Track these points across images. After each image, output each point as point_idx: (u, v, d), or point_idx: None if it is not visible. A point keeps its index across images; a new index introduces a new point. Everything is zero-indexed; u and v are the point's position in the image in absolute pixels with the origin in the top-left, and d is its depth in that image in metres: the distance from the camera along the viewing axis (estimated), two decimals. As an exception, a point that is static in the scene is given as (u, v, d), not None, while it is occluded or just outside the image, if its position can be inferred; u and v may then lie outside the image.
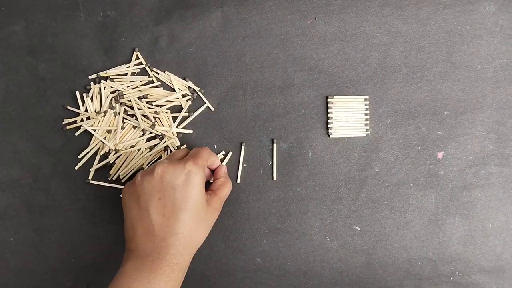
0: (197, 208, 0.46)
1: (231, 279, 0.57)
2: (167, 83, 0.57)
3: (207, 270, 0.57)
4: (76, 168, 0.57)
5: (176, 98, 0.57)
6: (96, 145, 0.57)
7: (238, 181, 0.57)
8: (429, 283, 0.57)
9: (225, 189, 0.52)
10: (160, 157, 0.57)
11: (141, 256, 0.44)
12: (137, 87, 0.57)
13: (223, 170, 0.54)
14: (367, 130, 0.57)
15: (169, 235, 0.45)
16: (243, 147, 0.57)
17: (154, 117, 0.56)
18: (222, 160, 0.57)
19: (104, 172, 0.57)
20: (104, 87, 0.56)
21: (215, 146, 0.57)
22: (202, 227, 0.47)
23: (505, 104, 0.57)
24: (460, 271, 0.57)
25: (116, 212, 0.57)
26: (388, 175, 0.57)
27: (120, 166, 0.57)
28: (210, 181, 0.55)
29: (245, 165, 0.57)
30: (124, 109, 0.56)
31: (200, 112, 0.57)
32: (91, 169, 0.57)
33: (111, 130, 0.56)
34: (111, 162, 0.56)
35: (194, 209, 0.46)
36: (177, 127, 0.57)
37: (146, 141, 0.57)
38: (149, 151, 0.56)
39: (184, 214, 0.45)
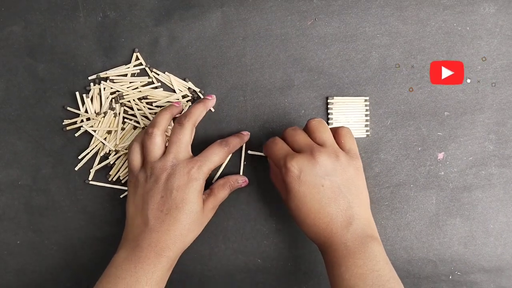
0: (193, 210, 0.49)
1: (232, 280, 0.57)
2: (167, 84, 0.57)
3: (208, 271, 0.57)
4: (76, 169, 0.57)
5: (176, 99, 0.56)
6: (96, 146, 0.56)
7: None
8: (427, 281, 0.57)
9: (224, 191, 0.53)
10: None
11: (132, 247, 0.47)
12: (137, 88, 0.57)
13: (234, 178, 0.55)
14: (367, 131, 0.57)
15: (162, 230, 0.47)
16: (243, 147, 0.57)
17: (154, 118, 0.56)
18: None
19: (104, 173, 0.57)
20: (104, 88, 0.56)
21: (215, 147, 0.57)
22: (194, 227, 0.50)
23: (505, 105, 0.57)
24: (460, 271, 0.57)
25: (116, 213, 0.57)
26: (388, 176, 0.57)
27: (120, 167, 0.57)
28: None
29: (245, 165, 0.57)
30: (124, 109, 0.56)
31: (200, 113, 0.57)
32: (91, 170, 0.56)
33: (111, 131, 0.56)
34: (111, 163, 0.56)
35: (190, 211, 0.48)
36: (177, 128, 0.56)
37: (146, 142, 0.57)
38: (149, 152, 0.56)
39: (180, 214, 0.48)
